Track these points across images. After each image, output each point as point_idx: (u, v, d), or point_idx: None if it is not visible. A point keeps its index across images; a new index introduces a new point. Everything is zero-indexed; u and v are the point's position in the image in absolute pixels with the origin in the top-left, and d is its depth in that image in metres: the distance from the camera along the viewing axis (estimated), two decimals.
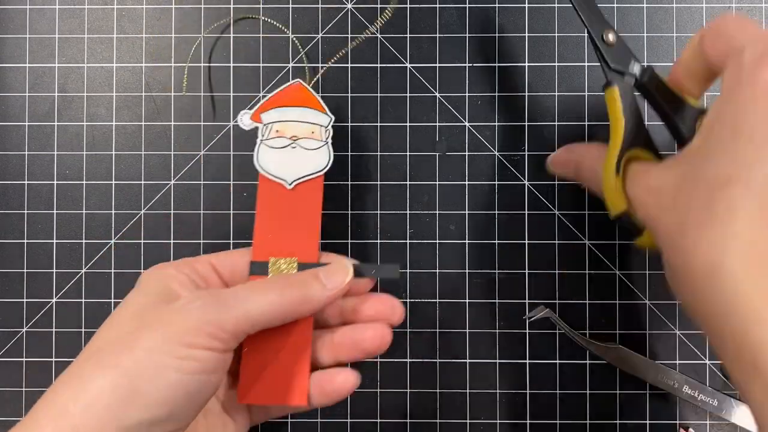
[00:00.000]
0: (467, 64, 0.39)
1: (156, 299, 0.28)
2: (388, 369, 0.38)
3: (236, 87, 0.39)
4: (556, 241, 0.38)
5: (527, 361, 0.38)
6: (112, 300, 0.38)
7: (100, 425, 0.24)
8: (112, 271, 0.38)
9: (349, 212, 0.38)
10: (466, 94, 0.39)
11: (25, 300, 0.38)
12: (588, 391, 0.38)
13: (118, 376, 0.25)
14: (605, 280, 0.38)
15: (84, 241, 0.38)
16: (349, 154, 0.38)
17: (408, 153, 0.39)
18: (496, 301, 0.38)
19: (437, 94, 0.39)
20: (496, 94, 0.39)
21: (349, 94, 0.39)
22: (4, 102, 0.39)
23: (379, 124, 0.39)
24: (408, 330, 0.38)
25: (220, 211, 0.38)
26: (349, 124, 0.39)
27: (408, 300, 0.38)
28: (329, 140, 0.34)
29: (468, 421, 0.38)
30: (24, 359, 0.38)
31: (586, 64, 0.39)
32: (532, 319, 0.37)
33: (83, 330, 0.38)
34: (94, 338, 0.28)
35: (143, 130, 0.39)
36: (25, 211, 0.39)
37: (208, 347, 0.26)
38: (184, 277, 0.30)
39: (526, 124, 0.39)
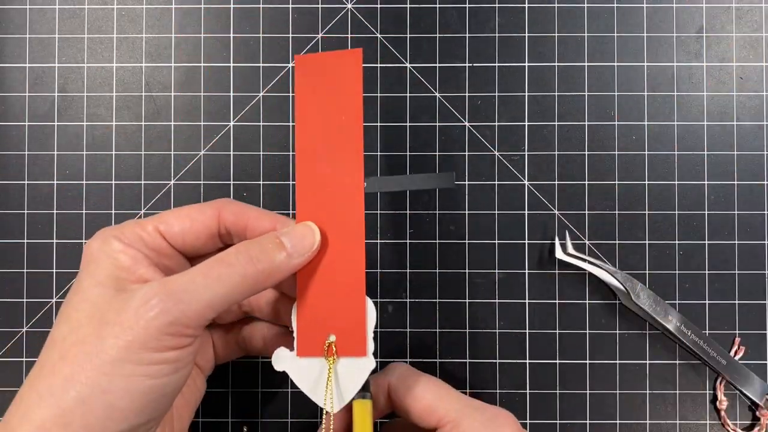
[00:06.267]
0: (467, 64, 0.39)
1: (108, 287, 0.26)
2: None
3: (236, 87, 0.39)
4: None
5: (527, 361, 0.38)
6: None
7: None
8: None
9: None
10: (466, 94, 0.39)
11: (25, 300, 0.38)
12: (588, 391, 0.38)
13: (89, 393, 0.24)
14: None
15: (84, 241, 0.38)
16: None
17: (408, 153, 0.39)
18: (496, 300, 0.38)
19: (437, 94, 0.39)
20: (496, 94, 0.39)
21: None
22: (4, 102, 0.39)
23: (379, 124, 0.39)
24: (408, 330, 0.38)
25: None
26: None
27: (408, 300, 0.38)
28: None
29: None
30: (24, 359, 0.38)
31: (586, 64, 0.39)
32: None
33: None
34: (54, 337, 0.25)
35: (143, 130, 0.39)
36: (25, 211, 0.39)
37: (175, 346, 0.25)
38: (134, 253, 0.27)
39: (526, 124, 0.39)
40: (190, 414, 0.32)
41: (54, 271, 0.38)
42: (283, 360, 0.29)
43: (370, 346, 0.28)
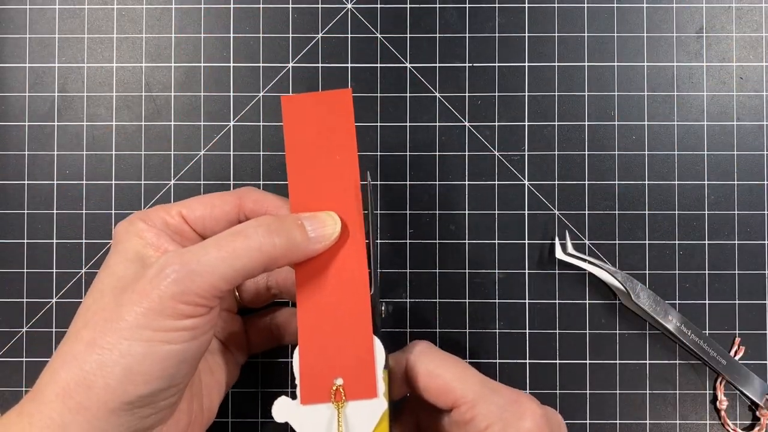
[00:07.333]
0: (467, 64, 0.39)
1: (135, 262, 0.27)
2: None
3: (236, 87, 0.39)
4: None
5: (527, 361, 0.38)
6: None
7: (102, 403, 0.24)
8: None
9: None
10: (466, 94, 0.39)
11: (25, 300, 0.38)
12: (588, 391, 0.38)
13: (109, 357, 0.24)
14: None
15: (84, 241, 0.38)
16: None
17: (408, 153, 0.39)
18: (496, 300, 0.38)
19: (437, 94, 0.39)
20: (496, 94, 0.39)
21: None
22: (4, 102, 0.39)
23: (379, 124, 0.39)
24: (408, 330, 0.38)
25: None
26: None
27: (408, 300, 0.38)
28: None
29: None
30: (24, 359, 0.38)
31: (586, 64, 0.39)
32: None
33: None
34: (80, 310, 0.27)
35: (143, 130, 0.39)
36: (25, 211, 0.39)
37: (192, 314, 0.25)
38: (158, 232, 0.28)
39: (526, 124, 0.39)
40: (220, 394, 0.32)
41: (54, 271, 0.38)
42: (285, 410, 0.28)
43: (381, 386, 0.27)
